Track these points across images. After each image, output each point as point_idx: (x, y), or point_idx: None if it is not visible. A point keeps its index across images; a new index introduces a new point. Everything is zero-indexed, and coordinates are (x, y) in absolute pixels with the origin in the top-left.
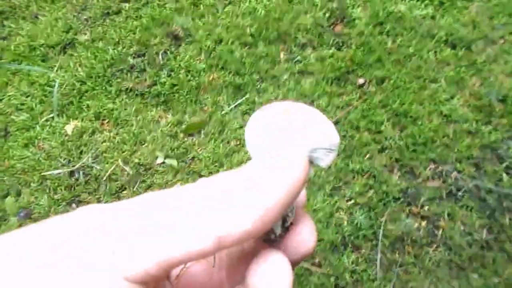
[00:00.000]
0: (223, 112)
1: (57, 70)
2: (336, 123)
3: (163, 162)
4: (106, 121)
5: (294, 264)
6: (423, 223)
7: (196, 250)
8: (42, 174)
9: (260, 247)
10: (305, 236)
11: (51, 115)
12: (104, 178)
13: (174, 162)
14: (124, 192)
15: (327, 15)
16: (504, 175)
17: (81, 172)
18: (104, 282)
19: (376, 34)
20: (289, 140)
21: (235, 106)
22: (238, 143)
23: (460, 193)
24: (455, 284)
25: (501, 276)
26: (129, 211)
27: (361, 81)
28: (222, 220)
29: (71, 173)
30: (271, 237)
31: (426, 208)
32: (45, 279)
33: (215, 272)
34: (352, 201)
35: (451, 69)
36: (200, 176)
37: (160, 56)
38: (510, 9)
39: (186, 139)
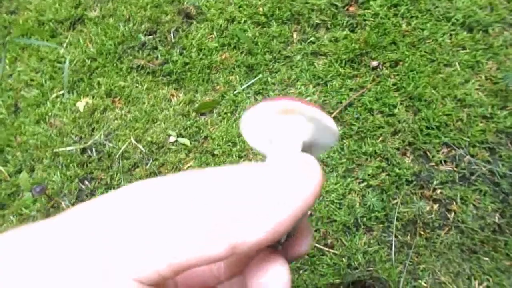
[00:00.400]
0: (235, 92)
1: (66, 46)
2: (349, 105)
3: (176, 141)
4: (118, 98)
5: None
6: (435, 206)
7: (210, 255)
8: (54, 150)
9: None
10: (303, 243)
11: (62, 92)
12: (117, 156)
13: (186, 141)
14: (137, 169)
15: None
16: None
17: (93, 149)
18: (111, 284)
19: (390, 16)
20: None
21: (248, 86)
22: None
23: (473, 178)
24: (466, 267)
25: None
26: (140, 205)
27: (374, 63)
28: (238, 228)
29: (83, 150)
30: (276, 244)
31: (438, 191)
32: (47, 280)
33: (214, 266)
34: (365, 183)
35: (467, 53)
36: (213, 155)
37: (171, 34)
38: None
39: (198, 118)
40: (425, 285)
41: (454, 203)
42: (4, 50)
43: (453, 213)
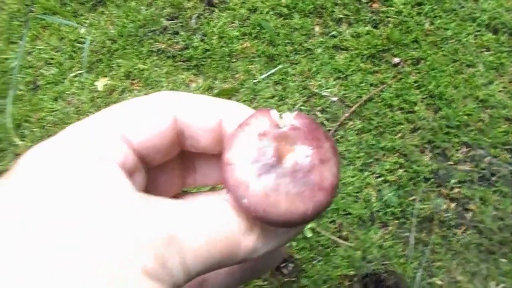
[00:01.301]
0: (255, 81)
1: (87, 27)
2: (369, 100)
3: None
4: (136, 80)
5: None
6: (452, 205)
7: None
8: None
9: None
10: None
11: (80, 71)
12: None
13: None
14: None
15: None
16: None
17: None
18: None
19: (414, 15)
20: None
21: (268, 76)
22: None
23: (493, 178)
24: (483, 267)
25: None
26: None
27: (396, 60)
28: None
29: None
30: None
31: (456, 190)
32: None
33: None
34: (382, 178)
35: (491, 54)
36: None
37: (193, 20)
38: None
39: None
40: (440, 282)
41: (473, 203)
42: (26, 27)
43: (471, 213)
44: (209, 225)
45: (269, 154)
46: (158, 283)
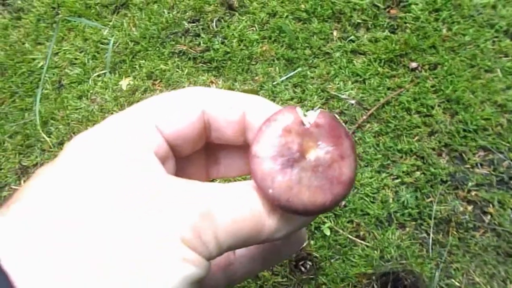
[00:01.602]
0: (274, 83)
1: (110, 29)
2: (387, 103)
3: None
4: (158, 81)
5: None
6: (469, 208)
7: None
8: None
9: None
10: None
11: (103, 71)
12: None
13: None
14: None
15: None
16: None
17: None
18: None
19: (431, 21)
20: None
21: (287, 78)
22: None
23: None
24: (502, 269)
25: None
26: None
27: (413, 65)
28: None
29: None
30: None
31: (473, 193)
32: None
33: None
34: (399, 180)
35: (509, 60)
36: None
37: (214, 23)
38: None
39: None
40: (458, 284)
41: (491, 206)
42: (57, 28)
43: (489, 216)
44: (238, 205)
45: (293, 149)
46: (195, 252)
